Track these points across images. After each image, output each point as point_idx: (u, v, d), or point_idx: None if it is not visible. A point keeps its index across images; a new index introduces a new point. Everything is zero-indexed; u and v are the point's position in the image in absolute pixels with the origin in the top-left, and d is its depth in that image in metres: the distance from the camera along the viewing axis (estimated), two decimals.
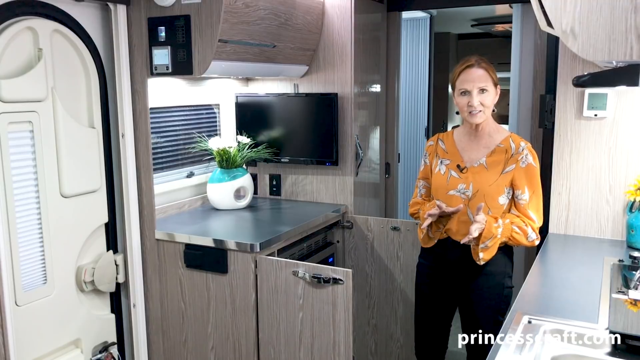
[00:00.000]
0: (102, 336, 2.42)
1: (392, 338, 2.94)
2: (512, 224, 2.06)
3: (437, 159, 2.24)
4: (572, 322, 1.50)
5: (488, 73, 2.07)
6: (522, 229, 2.06)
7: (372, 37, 3.24)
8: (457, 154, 2.19)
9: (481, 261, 2.05)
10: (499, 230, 2.02)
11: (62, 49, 2.17)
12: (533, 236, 2.08)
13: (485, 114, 2.09)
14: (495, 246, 2.04)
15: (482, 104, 2.06)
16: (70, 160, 2.20)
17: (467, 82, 2.07)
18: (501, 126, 2.20)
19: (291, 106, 3.05)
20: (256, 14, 2.42)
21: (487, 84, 2.06)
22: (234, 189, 2.86)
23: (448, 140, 2.25)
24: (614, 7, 1.30)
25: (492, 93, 2.08)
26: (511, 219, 2.07)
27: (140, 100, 2.40)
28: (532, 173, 2.08)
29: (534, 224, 2.09)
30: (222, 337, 2.43)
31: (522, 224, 2.07)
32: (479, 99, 2.06)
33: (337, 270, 2.17)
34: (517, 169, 2.08)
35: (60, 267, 2.21)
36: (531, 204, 2.08)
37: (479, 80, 2.06)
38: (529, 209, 2.08)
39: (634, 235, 2.18)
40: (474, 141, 2.18)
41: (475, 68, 2.07)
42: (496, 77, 2.10)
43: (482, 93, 2.06)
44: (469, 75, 2.07)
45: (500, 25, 5.13)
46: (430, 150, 2.29)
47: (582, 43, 1.35)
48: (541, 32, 3.04)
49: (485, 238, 2.01)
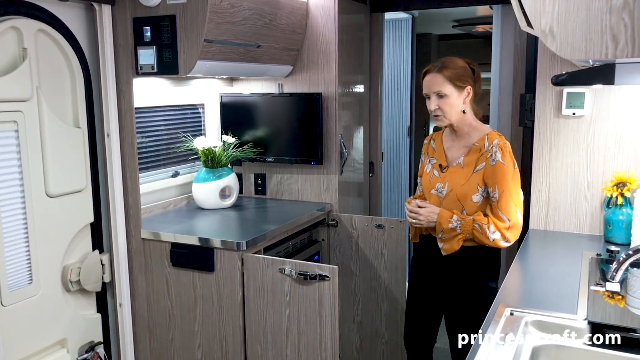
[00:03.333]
0: (88, 336, 2.42)
1: (377, 334, 2.97)
2: (473, 221, 2.07)
3: (428, 157, 2.30)
4: (553, 313, 1.55)
5: (446, 77, 2.08)
6: (482, 227, 2.06)
7: (355, 38, 3.27)
8: (442, 153, 2.24)
9: (442, 251, 2.13)
10: (453, 225, 2.08)
11: (46, 48, 2.17)
12: (495, 235, 2.06)
13: (447, 118, 2.12)
14: (455, 240, 2.10)
15: (441, 109, 2.10)
16: (55, 160, 2.20)
17: (425, 88, 2.14)
18: (482, 125, 2.21)
19: (276, 106, 3.07)
20: (241, 14, 2.44)
21: (444, 88, 2.09)
22: (219, 189, 2.87)
23: (438, 140, 2.29)
24: (590, 8, 1.34)
25: (452, 96, 2.10)
26: (476, 216, 2.09)
27: (125, 100, 2.41)
28: (500, 171, 2.07)
29: (503, 224, 2.06)
30: (209, 335, 2.44)
31: (484, 222, 2.07)
32: (437, 103, 2.11)
33: (323, 267, 2.19)
34: (487, 166, 2.09)
35: (46, 267, 2.20)
36: (501, 202, 2.06)
37: (434, 85, 2.10)
38: (499, 209, 2.07)
39: (611, 230, 2.24)
40: (455, 141, 2.22)
41: (432, 74, 2.11)
42: (463, 80, 2.10)
43: (440, 98, 2.10)
44: (426, 81, 2.13)
45: (480, 26, 5.20)
46: (425, 149, 2.35)
47: (561, 43, 1.39)
48: (521, 33, 3.11)
49: (437, 230, 2.12)
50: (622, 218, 2.20)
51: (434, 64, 2.14)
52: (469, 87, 2.12)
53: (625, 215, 2.20)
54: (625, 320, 1.57)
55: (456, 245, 2.11)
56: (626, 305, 1.65)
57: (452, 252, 2.12)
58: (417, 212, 2.16)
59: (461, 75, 2.10)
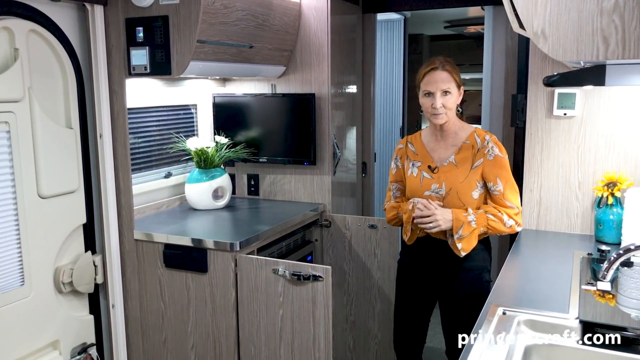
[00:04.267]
0: (81, 337, 2.41)
1: (369, 334, 2.98)
2: (486, 213, 2.11)
3: (408, 161, 2.28)
4: (545, 312, 1.56)
5: (451, 75, 2.11)
6: (497, 216, 2.11)
7: (348, 38, 3.28)
8: (427, 155, 2.24)
9: (461, 252, 2.09)
10: (470, 218, 2.08)
11: (38, 49, 2.16)
12: (510, 222, 2.13)
13: (447, 116, 2.14)
14: (473, 236, 2.09)
15: (445, 106, 2.11)
16: (47, 161, 2.18)
17: (431, 84, 2.12)
18: (465, 123, 2.25)
19: (269, 106, 3.07)
20: (234, 15, 2.44)
21: (450, 86, 2.11)
22: (212, 189, 2.87)
23: (417, 142, 2.29)
24: (581, 10, 1.36)
25: (454, 95, 2.13)
26: (485, 208, 2.14)
27: (118, 101, 2.40)
28: (500, 164, 2.14)
29: (512, 210, 2.14)
30: (202, 336, 2.44)
31: (496, 211, 2.12)
32: (442, 100, 2.11)
33: (316, 267, 2.20)
34: (485, 162, 2.13)
35: (38, 269, 2.19)
36: (506, 192, 2.13)
37: (442, 82, 2.10)
38: (505, 199, 2.13)
39: (602, 229, 2.26)
40: (441, 141, 2.23)
41: (439, 71, 2.11)
42: (459, 78, 2.15)
43: (445, 95, 2.11)
44: (432, 78, 2.12)
45: (472, 27, 5.23)
46: (401, 153, 2.32)
47: (552, 44, 1.41)
48: (512, 34, 3.13)
49: (456, 227, 2.07)
50: (612, 218, 2.22)
51: (436, 61, 2.14)
52: (462, 87, 2.17)
53: (616, 215, 2.22)
54: (616, 319, 1.59)
55: (474, 241, 2.10)
56: (617, 304, 1.67)
57: (470, 250, 2.11)
58: (433, 213, 2.08)
59: (459, 73, 2.15)
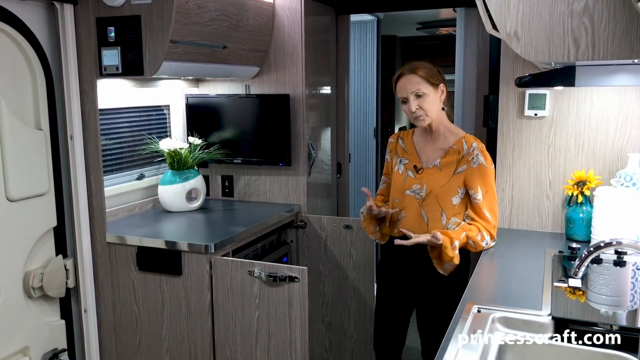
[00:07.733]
0: (52, 343, 2.36)
1: (345, 335, 2.99)
2: (467, 238, 2.11)
3: (397, 157, 2.29)
4: (518, 309, 1.58)
5: (421, 77, 2.10)
6: (477, 244, 2.11)
7: (322, 39, 3.28)
8: (415, 154, 2.25)
9: (444, 272, 2.13)
10: (456, 252, 2.08)
11: (5, 48, 2.11)
12: (485, 243, 2.14)
13: (429, 116, 2.13)
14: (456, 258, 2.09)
15: (422, 107, 2.11)
16: (16, 163, 2.14)
17: (402, 90, 2.13)
18: (457, 128, 2.25)
19: (243, 107, 3.05)
20: (207, 15, 2.42)
21: (421, 87, 2.10)
22: (185, 191, 2.84)
23: (408, 140, 2.30)
24: (552, 12, 1.39)
25: (430, 95, 2.11)
26: (467, 231, 2.11)
27: (89, 102, 2.36)
28: (483, 173, 2.13)
29: (489, 224, 2.14)
30: (177, 339, 2.41)
31: (477, 236, 2.11)
32: (417, 103, 2.11)
33: (292, 268, 2.19)
34: (469, 169, 2.13)
35: (7, 273, 2.14)
36: (485, 202, 2.13)
37: (411, 85, 2.11)
38: (484, 208, 2.13)
39: (572, 227, 2.30)
40: (429, 142, 2.23)
41: (407, 75, 2.12)
42: (436, 78, 2.13)
43: (418, 98, 2.11)
44: (401, 84, 2.13)
45: (444, 29, 5.28)
46: (391, 147, 2.34)
47: (525, 45, 1.44)
48: (484, 35, 3.17)
49: (444, 261, 2.09)
50: (582, 216, 2.27)
51: (404, 68, 2.14)
52: (442, 85, 2.15)
53: (585, 213, 2.27)
54: (586, 314, 1.62)
55: (456, 261, 2.10)
56: (587, 300, 1.71)
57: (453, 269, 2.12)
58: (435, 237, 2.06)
59: (434, 73, 2.13)
